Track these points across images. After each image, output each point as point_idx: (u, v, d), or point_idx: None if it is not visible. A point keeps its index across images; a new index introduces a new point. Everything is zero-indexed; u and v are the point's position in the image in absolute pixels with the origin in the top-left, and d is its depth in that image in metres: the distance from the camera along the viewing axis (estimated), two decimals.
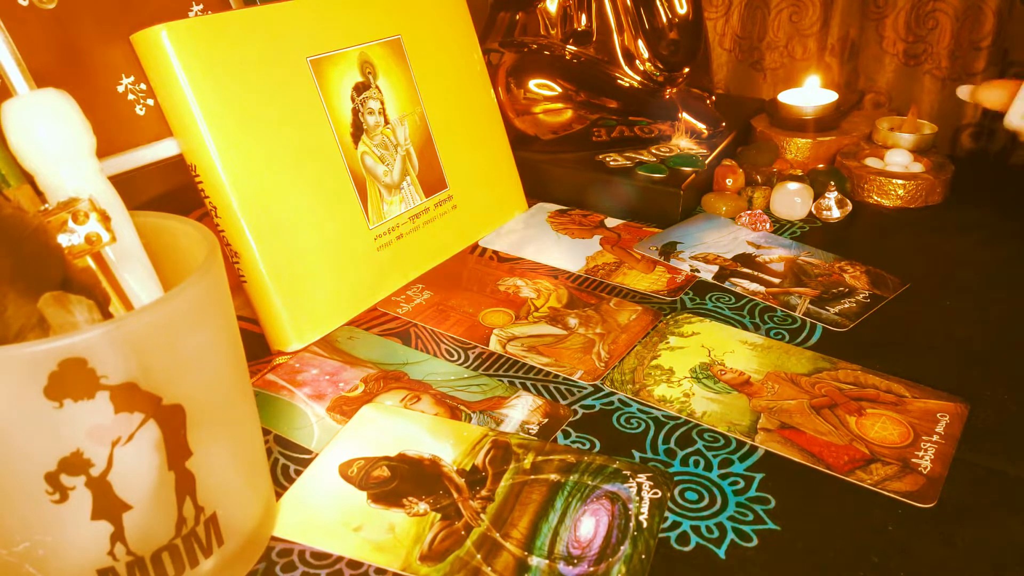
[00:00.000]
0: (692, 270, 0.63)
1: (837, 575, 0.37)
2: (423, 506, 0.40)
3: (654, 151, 0.77)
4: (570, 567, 0.36)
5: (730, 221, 0.71)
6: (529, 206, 0.74)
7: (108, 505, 0.30)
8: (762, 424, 0.45)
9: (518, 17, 0.81)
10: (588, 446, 0.44)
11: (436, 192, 0.65)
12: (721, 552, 0.38)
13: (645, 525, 0.39)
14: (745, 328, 0.55)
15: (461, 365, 0.52)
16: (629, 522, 0.39)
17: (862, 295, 0.59)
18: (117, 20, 0.51)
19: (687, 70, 0.82)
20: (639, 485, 0.41)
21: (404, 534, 0.38)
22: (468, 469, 0.42)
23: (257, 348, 0.54)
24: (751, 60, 0.97)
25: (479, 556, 0.37)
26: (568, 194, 0.75)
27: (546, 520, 0.39)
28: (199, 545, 0.33)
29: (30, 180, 0.37)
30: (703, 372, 0.50)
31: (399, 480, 0.41)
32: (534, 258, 0.65)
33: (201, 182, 0.51)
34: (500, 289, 0.61)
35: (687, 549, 0.38)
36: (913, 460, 0.43)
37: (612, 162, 0.75)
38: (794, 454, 0.43)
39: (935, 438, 0.44)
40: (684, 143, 0.78)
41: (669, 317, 0.56)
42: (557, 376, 0.50)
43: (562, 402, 0.48)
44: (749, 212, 0.71)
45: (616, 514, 0.39)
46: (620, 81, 0.79)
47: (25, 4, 0.47)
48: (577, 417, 0.47)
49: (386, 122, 0.61)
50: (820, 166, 0.78)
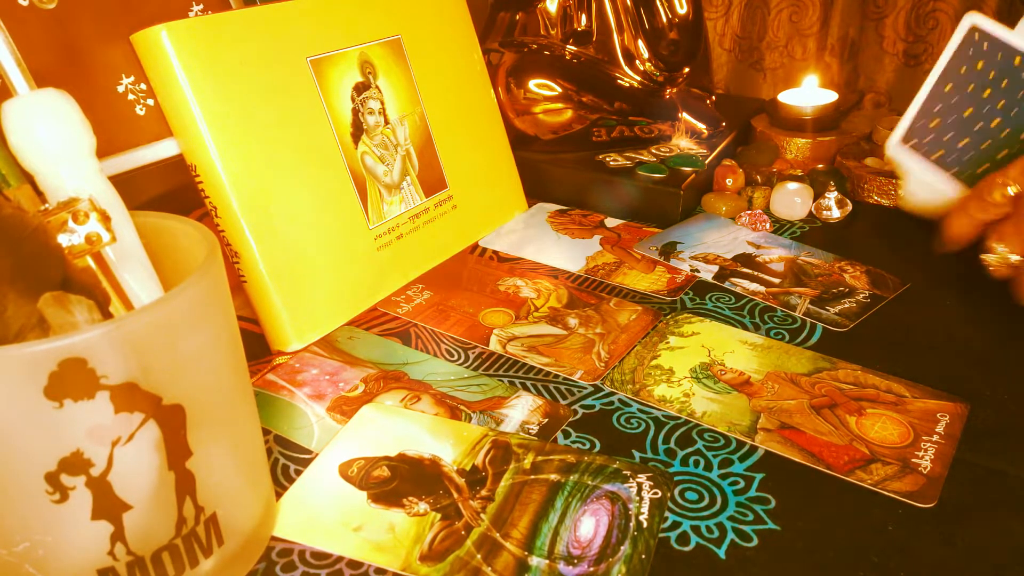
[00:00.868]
0: (692, 270, 0.63)
1: (837, 575, 0.37)
2: (423, 506, 0.40)
3: (654, 151, 0.77)
4: (570, 567, 0.36)
5: (730, 221, 0.71)
6: (529, 206, 0.74)
7: (108, 505, 0.30)
8: (762, 424, 0.45)
9: (518, 17, 0.81)
10: (588, 446, 0.44)
11: (436, 192, 0.65)
12: (721, 552, 0.38)
13: (645, 525, 0.39)
14: (745, 328, 0.55)
15: (461, 365, 0.52)
16: (629, 522, 0.39)
17: (862, 295, 0.59)
18: (117, 20, 0.51)
19: (687, 70, 0.82)
20: (639, 485, 0.41)
21: (404, 534, 0.38)
22: (468, 469, 0.42)
23: (257, 348, 0.54)
24: (751, 60, 0.97)
25: (479, 556, 0.37)
26: (568, 194, 0.75)
27: (546, 520, 0.39)
28: (199, 545, 0.33)
29: (30, 180, 0.37)
30: (703, 372, 0.50)
31: (399, 480, 0.42)
32: (534, 258, 0.65)
33: (201, 182, 0.51)
34: (500, 289, 0.61)
35: (687, 549, 0.38)
36: (913, 460, 0.43)
37: (612, 162, 0.75)
38: (794, 454, 0.43)
39: (935, 438, 0.44)
40: (684, 143, 0.78)
41: (669, 317, 0.56)
42: (557, 376, 0.50)
43: (562, 402, 0.48)
44: (749, 212, 0.71)
45: (616, 514, 0.39)
46: (620, 81, 0.79)
47: (25, 4, 0.47)
48: (577, 417, 0.47)
49: (386, 122, 0.61)
50: (820, 166, 0.78)
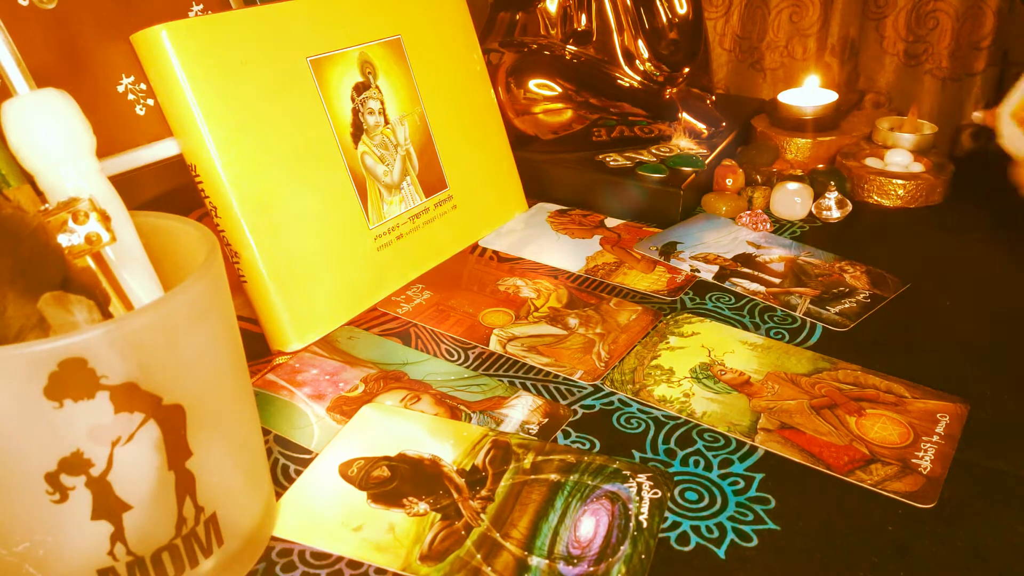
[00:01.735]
0: (692, 270, 0.63)
1: (837, 575, 0.37)
2: (423, 506, 0.40)
3: (654, 151, 0.77)
4: (570, 567, 0.36)
5: (730, 221, 0.71)
6: (529, 206, 0.74)
7: (108, 505, 0.30)
8: (762, 424, 0.45)
9: (518, 17, 0.81)
10: (588, 446, 0.44)
11: (436, 192, 0.65)
12: (721, 552, 0.38)
13: (645, 525, 0.39)
14: (745, 328, 0.55)
15: (461, 365, 0.52)
16: (629, 522, 0.39)
17: (862, 295, 0.59)
18: (117, 20, 0.51)
19: (687, 70, 0.82)
20: (639, 485, 0.41)
21: (404, 534, 0.38)
22: (468, 469, 0.42)
23: (257, 348, 0.54)
24: (751, 60, 0.97)
25: (479, 556, 0.37)
26: (568, 194, 0.75)
27: (546, 520, 0.39)
28: (199, 545, 0.33)
29: (30, 180, 0.37)
30: (703, 372, 0.50)
31: (399, 480, 0.41)
32: (534, 258, 0.65)
33: (201, 182, 0.51)
34: (500, 289, 0.61)
35: (687, 549, 0.38)
36: (913, 460, 0.43)
37: (612, 162, 0.75)
38: (794, 454, 0.43)
39: (935, 438, 0.44)
40: (684, 143, 0.78)
41: (669, 317, 0.56)
42: (557, 376, 0.50)
43: (562, 402, 0.48)
44: (749, 212, 0.71)
45: (616, 514, 0.39)
46: (620, 81, 0.79)
47: (25, 4, 0.47)
48: (577, 417, 0.47)
49: (386, 122, 0.61)
50: (820, 166, 0.78)
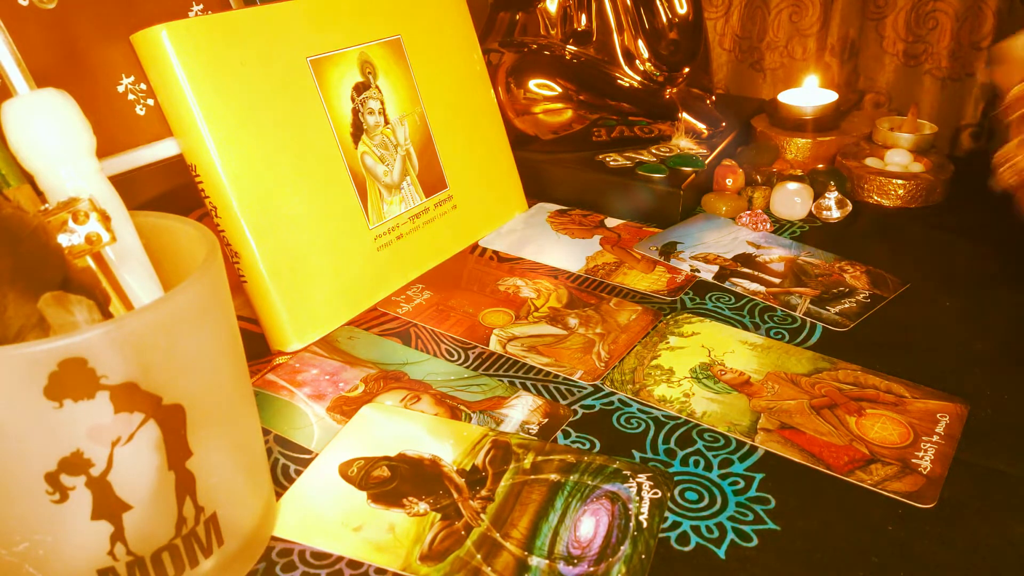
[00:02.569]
0: (692, 270, 0.63)
1: (837, 575, 0.37)
2: (423, 506, 0.40)
3: (654, 151, 0.77)
4: (570, 567, 0.36)
5: (730, 221, 0.71)
6: (529, 206, 0.74)
7: (108, 505, 0.30)
8: (762, 424, 0.45)
9: (518, 17, 0.81)
10: (588, 446, 0.44)
11: (436, 192, 0.65)
12: (721, 552, 0.38)
13: (645, 525, 0.39)
14: (745, 328, 0.55)
15: (461, 365, 0.52)
16: (629, 522, 0.39)
17: (862, 295, 0.59)
18: (117, 20, 0.51)
19: (687, 70, 0.82)
20: (639, 485, 0.41)
21: (404, 534, 0.38)
22: (468, 469, 0.42)
23: (257, 348, 0.54)
24: (751, 60, 0.97)
25: (479, 556, 0.37)
26: (568, 194, 0.75)
27: (546, 520, 0.39)
28: (199, 545, 0.33)
29: (30, 180, 0.37)
30: (703, 372, 0.50)
31: (399, 480, 0.41)
32: (534, 258, 0.65)
33: (201, 182, 0.51)
34: (500, 289, 0.61)
35: (687, 549, 0.38)
36: (913, 460, 0.43)
37: (612, 162, 0.75)
38: (794, 454, 0.43)
39: (935, 438, 0.44)
40: (684, 143, 0.78)
41: (669, 317, 0.56)
42: (557, 376, 0.50)
43: (562, 402, 0.48)
44: (749, 212, 0.71)
45: (616, 514, 0.39)
46: (620, 81, 0.79)
47: (25, 4, 0.47)
48: (577, 417, 0.47)
49: (386, 122, 0.61)
50: (820, 166, 0.78)
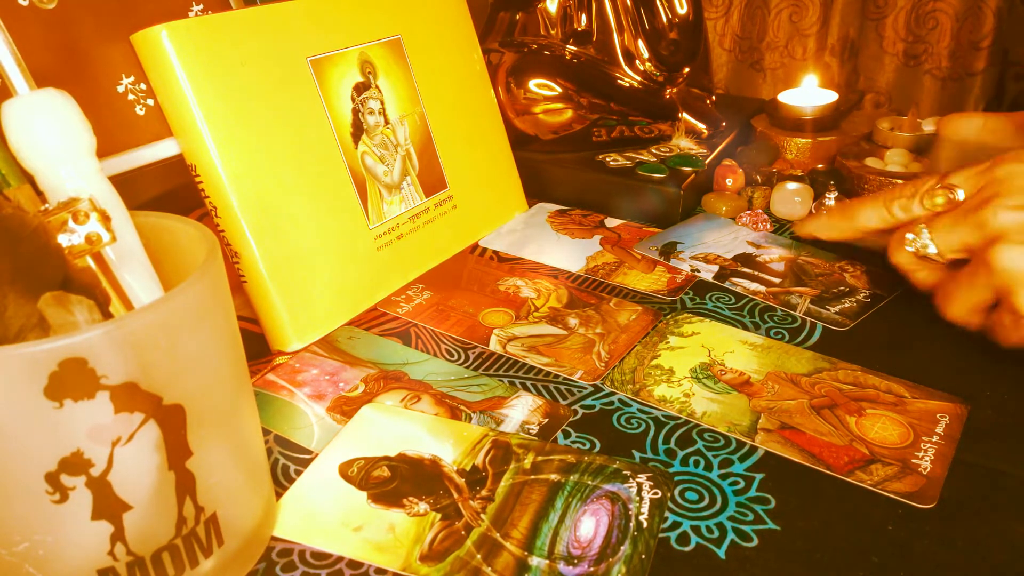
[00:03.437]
0: (692, 270, 0.63)
1: (837, 575, 0.37)
2: (423, 506, 0.40)
3: (654, 151, 0.77)
4: (570, 567, 0.36)
5: (730, 221, 0.71)
6: (529, 206, 0.74)
7: (108, 505, 0.30)
8: (762, 424, 0.45)
9: (518, 17, 0.81)
10: (588, 446, 0.44)
11: (436, 192, 0.65)
12: (721, 552, 0.38)
13: (645, 525, 0.39)
14: (745, 328, 0.55)
15: (461, 365, 0.52)
16: (629, 522, 0.39)
17: (862, 295, 0.59)
18: (117, 20, 0.51)
19: (687, 70, 0.82)
20: (639, 485, 0.41)
21: (404, 534, 0.38)
22: (468, 469, 0.42)
23: (257, 348, 0.54)
24: (751, 60, 0.97)
25: (479, 556, 0.37)
26: (568, 194, 0.75)
27: (546, 520, 0.39)
28: (199, 545, 0.33)
29: (30, 180, 0.37)
30: (703, 372, 0.50)
31: (399, 480, 0.42)
32: (534, 258, 0.65)
33: (201, 182, 0.51)
34: (500, 289, 0.61)
35: (687, 549, 0.38)
36: (913, 460, 0.43)
37: (612, 162, 0.75)
38: (794, 454, 0.43)
39: (935, 439, 0.44)
40: (684, 143, 0.78)
41: (669, 317, 0.56)
42: (557, 376, 0.50)
43: (562, 402, 0.48)
44: (749, 212, 0.71)
45: (616, 514, 0.39)
46: (620, 81, 0.79)
47: (25, 4, 0.47)
48: (577, 417, 0.47)
49: (386, 122, 0.61)
50: (820, 166, 0.78)
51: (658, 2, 0.79)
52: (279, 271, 0.52)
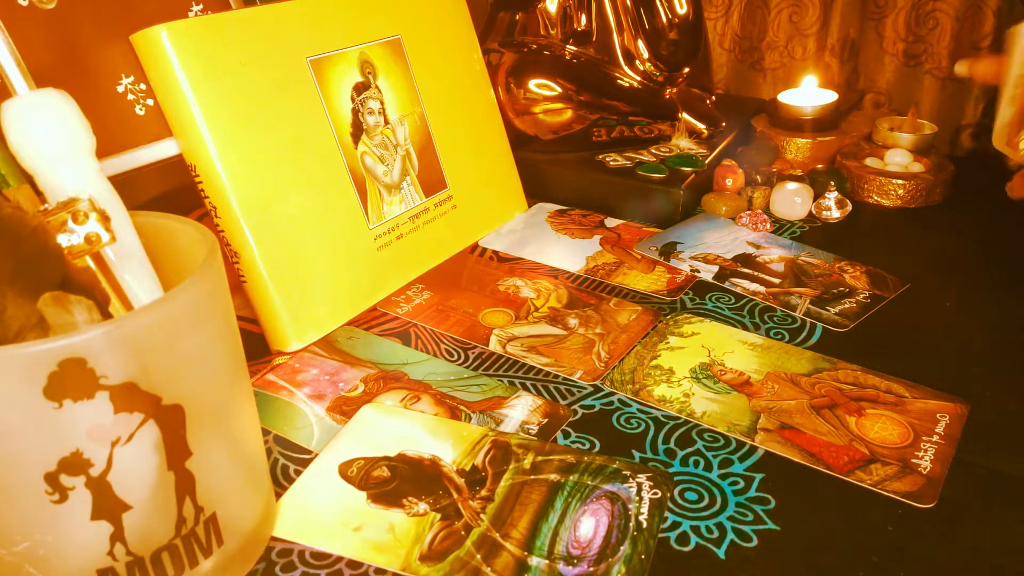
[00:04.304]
0: (692, 270, 0.63)
1: (837, 575, 0.37)
2: (423, 506, 0.40)
3: (654, 151, 0.77)
4: (570, 567, 0.36)
5: (730, 221, 0.71)
6: (529, 206, 0.74)
7: (108, 505, 0.30)
8: (762, 424, 0.45)
9: (518, 17, 0.81)
10: (588, 446, 0.44)
11: (436, 192, 0.65)
12: (721, 552, 0.38)
13: (645, 525, 0.39)
14: (745, 328, 0.55)
15: (461, 365, 0.52)
16: (629, 522, 0.39)
17: (862, 295, 0.59)
18: (117, 20, 0.51)
19: (687, 70, 0.82)
20: (639, 485, 0.41)
21: (404, 534, 0.38)
22: (468, 469, 0.42)
23: (257, 348, 0.54)
24: (751, 60, 0.97)
25: (479, 556, 0.37)
26: (568, 194, 0.75)
27: (546, 520, 0.39)
28: (199, 545, 0.33)
29: (30, 180, 0.37)
30: (703, 372, 0.50)
31: (399, 480, 0.41)
32: (534, 258, 0.65)
33: (201, 182, 0.51)
34: (500, 289, 0.61)
35: (687, 549, 0.38)
36: (913, 460, 0.43)
37: (612, 162, 0.75)
38: (794, 454, 0.43)
39: (935, 438, 0.44)
40: (684, 143, 0.78)
41: (669, 317, 0.56)
42: (557, 376, 0.50)
43: (562, 402, 0.48)
44: (749, 212, 0.71)
45: (616, 514, 0.39)
46: (620, 81, 0.79)
47: (25, 4, 0.47)
48: (577, 417, 0.47)
49: (386, 122, 0.61)
50: (820, 166, 0.78)
51: (658, 2, 0.79)
52: (279, 271, 0.52)
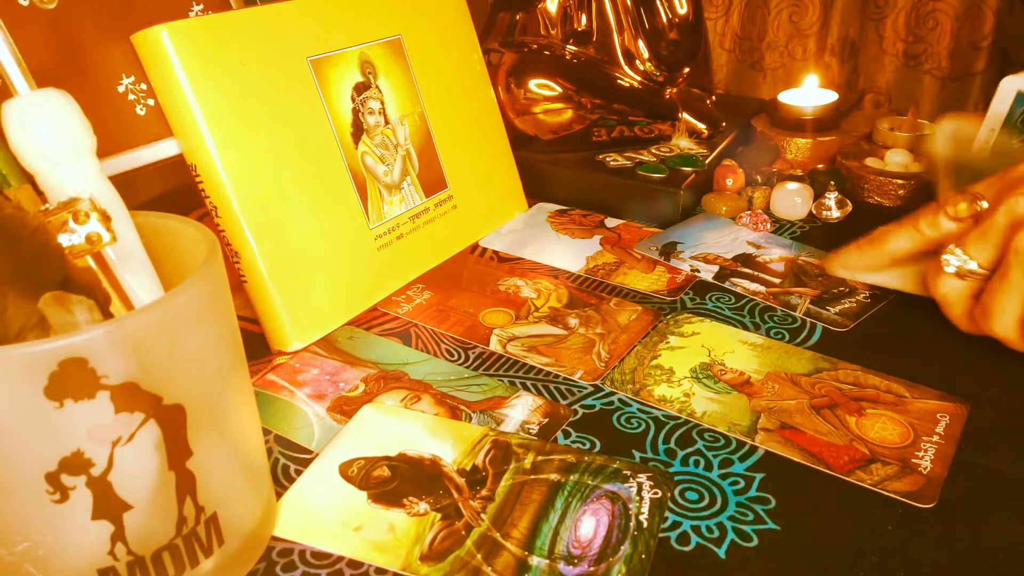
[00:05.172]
0: (692, 270, 0.63)
1: (837, 575, 0.37)
2: (423, 506, 0.40)
3: (654, 151, 0.77)
4: (570, 567, 0.36)
5: (730, 221, 0.71)
6: (529, 206, 0.74)
7: (108, 505, 0.30)
8: (762, 424, 0.46)
9: (518, 17, 0.81)
10: (588, 446, 0.44)
11: (436, 192, 0.65)
12: (721, 552, 0.38)
13: (645, 525, 0.39)
14: (745, 328, 0.55)
15: (461, 365, 0.52)
16: (629, 522, 0.39)
17: (862, 295, 0.59)
18: (117, 20, 0.51)
19: (687, 70, 0.82)
20: (639, 485, 0.41)
21: (404, 534, 0.38)
22: (468, 469, 0.42)
23: (257, 348, 0.54)
24: (751, 60, 0.97)
25: (479, 556, 0.37)
26: (568, 194, 0.75)
27: (546, 520, 0.39)
28: (199, 545, 0.33)
29: (30, 180, 0.37)
30: (703, 372, 0.50)
31: (399, 480, 0.42)
32: (534, 258, 0.65)
33: (201, 182, 0.51)
34: (500, 289, 0.61)
35: (687, 549, 0.38)
36: (913, 460, 0.43)
37: (612, 162, 0.75)
38: (794, 454, 0.43)
39: (935, 438, 0.44)
40: (684, 143, 0.78)
41: (669, 317, 0.56)
42: (557, 376, 0.50)
43: (562, 402, 0.48)
44: (749, 212, 0.71)
45: (616, 514, 0.39)
46: (620, 81, 0.79)
47: (25, 4, 0.47)
48: (577, 417, 0.47)
49: (386, 122, 0.61)
50: (820, 166, 0.78)
51: (658, 2, 0.79)
52: (279, 271, 0.52)
